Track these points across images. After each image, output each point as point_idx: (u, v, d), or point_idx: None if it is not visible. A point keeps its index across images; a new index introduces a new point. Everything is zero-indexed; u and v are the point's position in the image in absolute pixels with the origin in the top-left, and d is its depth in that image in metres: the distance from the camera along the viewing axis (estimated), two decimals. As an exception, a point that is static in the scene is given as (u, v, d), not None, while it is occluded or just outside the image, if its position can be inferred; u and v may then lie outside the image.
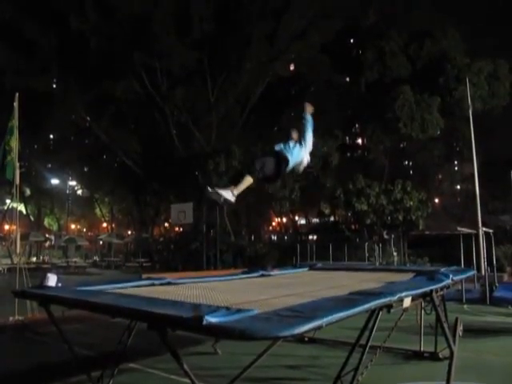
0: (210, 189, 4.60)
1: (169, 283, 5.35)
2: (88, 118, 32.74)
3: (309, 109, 5.45)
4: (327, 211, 38.81)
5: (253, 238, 35.91)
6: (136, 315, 3.30)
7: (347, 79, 33.70)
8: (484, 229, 16.31)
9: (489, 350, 7.05)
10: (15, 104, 10.34)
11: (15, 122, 10.33)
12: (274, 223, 45.63)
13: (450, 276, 5.58)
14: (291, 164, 5.13)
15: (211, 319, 2.60)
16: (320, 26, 28.51)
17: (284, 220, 40.07)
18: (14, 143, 10.24)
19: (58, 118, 31.32)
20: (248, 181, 4.69)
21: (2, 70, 27.29)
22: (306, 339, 7.42)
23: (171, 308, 3.07)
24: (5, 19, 26.76)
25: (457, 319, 5.98)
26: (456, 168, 38.15)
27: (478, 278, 14.72)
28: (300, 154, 5.20)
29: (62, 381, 5.52)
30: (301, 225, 41.74)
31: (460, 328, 6.04)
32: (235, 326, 2.60)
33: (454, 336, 5.45)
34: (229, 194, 4.54)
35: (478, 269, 15.11)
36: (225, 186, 4.70)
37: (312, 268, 8.50)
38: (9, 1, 27.46)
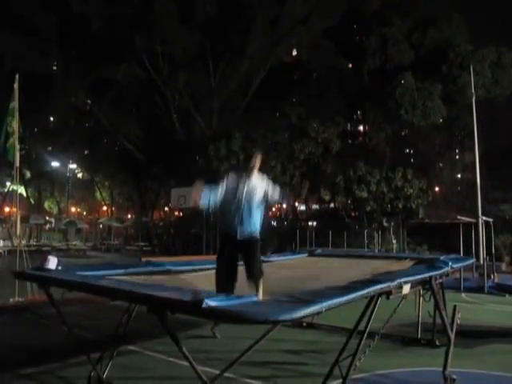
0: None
1: (168, 271, 5.34)
2: (89, 102, 32.54)
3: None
4: (327, 198, 38.80)
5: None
6: (136, 298, 3.31)
7: (349, 66, 33.42)
8: (484, 218, 16.30)
9: (486, 338, 7.09)
10: (15, 85, 10.25)
11: (15, 104, 10.26)
12: (273, 208, 45.61)
13: (449, 264, 5.60)
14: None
15: (211, 302, 2.61)
16: (323, 12, 28.16)
17: (284, 206, 40.00)
18: (14, 125, 10.20)
19: (58, 100, 31.10)
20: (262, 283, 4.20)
21: (1, 52, 27.02)
22: (305, 324, 7.46)
23: (171, 291, 3.07)
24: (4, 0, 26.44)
25: (455, 307, 6.01)
26: (457, 157, 38.02)
27: (476, 267, 14.77)
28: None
29: (61, 362, 5.56)
30: (301, 211, 41.70)
31: (458, 316, 6.07)
32: (234, 309, 2.61)
33: (451, 323, 5.47)
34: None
35: (477, 258, 15.13)
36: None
37: (311, 254, 8.54)
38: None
